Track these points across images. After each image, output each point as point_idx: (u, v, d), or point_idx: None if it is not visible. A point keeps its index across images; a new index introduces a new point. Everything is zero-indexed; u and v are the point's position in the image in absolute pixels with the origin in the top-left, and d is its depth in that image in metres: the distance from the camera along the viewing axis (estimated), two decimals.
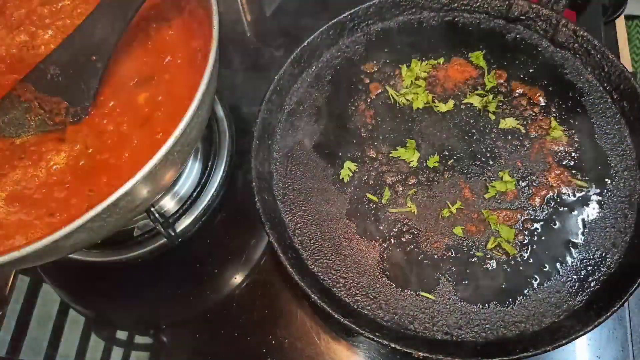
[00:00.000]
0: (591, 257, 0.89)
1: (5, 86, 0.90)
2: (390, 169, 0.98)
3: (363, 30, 1.11)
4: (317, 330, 0.97)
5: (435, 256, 0.91)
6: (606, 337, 0.94)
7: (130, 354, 0.99)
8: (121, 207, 0.70)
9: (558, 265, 0.89)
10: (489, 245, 0.90)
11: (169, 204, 1.05)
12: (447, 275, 0.89)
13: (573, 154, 0.97)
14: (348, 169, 0.98)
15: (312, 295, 0.83)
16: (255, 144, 0.96)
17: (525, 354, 0.79)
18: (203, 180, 1.07)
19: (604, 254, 0.89)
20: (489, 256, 0.90)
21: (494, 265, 0.89)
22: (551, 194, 0.94)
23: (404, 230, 0.93)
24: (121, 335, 1.01)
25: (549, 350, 0.80)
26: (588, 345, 0.94)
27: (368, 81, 1.07)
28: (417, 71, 1.05)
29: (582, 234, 0.91)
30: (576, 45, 1.05)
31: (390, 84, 1.06)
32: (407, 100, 1.04)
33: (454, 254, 0.91)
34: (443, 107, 1.02)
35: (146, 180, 0.69)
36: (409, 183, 0.97)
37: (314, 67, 1.08)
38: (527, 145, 0.98)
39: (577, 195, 0.94)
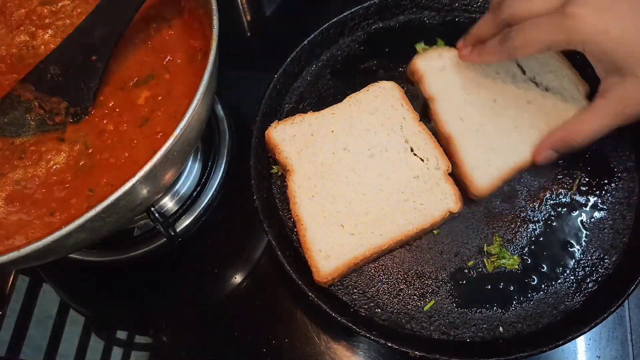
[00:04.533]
0: (589, 258, 0.89)
1: (5, 86, 0.90)
2: None
3: (364, 29, 1.11)
4: (317, 330, 0.97)
5: (435, 258, 0.91)
6: (606, 337, 0.94)
7: (130, 354, 0.99)
8: (121, 206, 0.70)
9: (556, 266, 0.89)
10: (487, 248, 0.90)
11: (169, 203, 1.05)
12: (445, 275, 0.90)
13: (572, 155, 0.97)
14: None
15: (310, 294, 0.84)
16: (255, 144, 0.96)
17: (521, 354, 0.79)
18: (203, 180, 1.07)
19: (602, 256, 0.89)
20: (487, 257, 0.90)
21: (492, 266, 0.89)
22: (549, 195, 0.94)
23: None
24: (121, 335, 1.01)
25: (545, 351, 0.80)
26: (588, 345, 0.94)
27: (368, 80, 1.06)
28: None
29: (581, 235, 0.91)
30: None
31: None
32: None
33: (452, 255, 0.91)
34: None
35: (146, 180, 0.70)
36: None
37: (314, 66, 1.08)
38: None
39: (576, 196, 0.94)
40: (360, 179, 0.92)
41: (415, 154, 0.94)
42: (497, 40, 0.86)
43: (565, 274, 0.88)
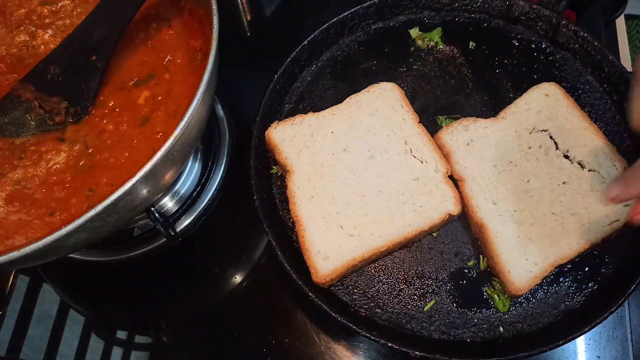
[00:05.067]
0: (589, 258, 0.89)
1: (5, 86, 0.90)
2: None
3: (364, 29, 1.11)
4: (317, 330, 0.97)
5: (435, 258, 0.91)
6: (606, 337, 0.94)
7: (130, 354, 0.99)
8: (121, 206, 0.70)
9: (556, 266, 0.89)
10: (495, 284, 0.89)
11: (169, 203, 1.05)
12: (445, 275, 0.90)
13: None
14: None
15: (310, 294, 0.84)
16: (255, 144, 0.96)
17: (521, 354, 0.80)
18: (203, 180, 1.07)
19: (602, 255, 0.89)
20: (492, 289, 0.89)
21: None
22: None
23: None
24: (121, 335, 1.01)
25: (545, 351, 0.80)
26: (588, 345, 0.94)
27: (368, 80, 1.06)
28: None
29: None
30: (576, 45, 1.05)
31: None
32: None
33: (453, 255, 0.91)
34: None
35: (146, 180, 0.70)
36: None
37: (314, 66, 1.08)
38: None
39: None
40: (360, 180, 0.92)
41: (414, 156, 0.94)
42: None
43: (565, 274, 0.88)
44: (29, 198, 0.80)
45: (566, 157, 0.93)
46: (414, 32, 1.09)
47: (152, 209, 0.94)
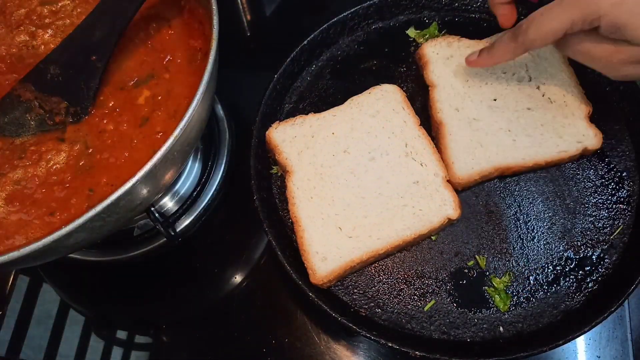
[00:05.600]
0: (589, 257, 0.89)
1: (5, 86, 0.90)
2: None
3: (363, 29, 1.11)
4: (317, 330, 0.97)
5: (435, 258, 0.91)
6: (606, 337, 0.94)
7: (130, 354, 0.99)
8: (121, 206, 0.70)
9: (556, 266, 0.89)
10: (494, 279, 0.90)
11: (169, 203, 1.05)
12: (445, 275, 0.90)
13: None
14: None
15: (310, 294, 0.84)
16: (255, 144, 0.96)
17: (521, 354, 0.80)
18: (203, 180, 1.07)
19: (602, 255, 0.89)
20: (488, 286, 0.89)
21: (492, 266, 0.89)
22: (550, 195, 0.94)
23: None
24: (121, 335, 1.01)
25: (545, 351, 0.80)
26: (588, 345, 0.94)
27: (368, 80, 1.06)
28: None
29: (581, 234, 0.91)
30: None
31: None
32: None
33: (452, 255, 0.91)
34: None
35: (146, 180, 0.70)
36: None
37: (314, 66, 1.08)
38: None
39: (577, 196, 0.94)
40: (360, 182, 0.92)
41: (414, 159, 0.94)
42: (508, 37, 0.84)
43: (565, 274, 0.88)
44: (29, 198, 0.80)
45: (537, 90, 0.98)
46: (411, 32, 1.09)
47: (152, 209, 0.93)
